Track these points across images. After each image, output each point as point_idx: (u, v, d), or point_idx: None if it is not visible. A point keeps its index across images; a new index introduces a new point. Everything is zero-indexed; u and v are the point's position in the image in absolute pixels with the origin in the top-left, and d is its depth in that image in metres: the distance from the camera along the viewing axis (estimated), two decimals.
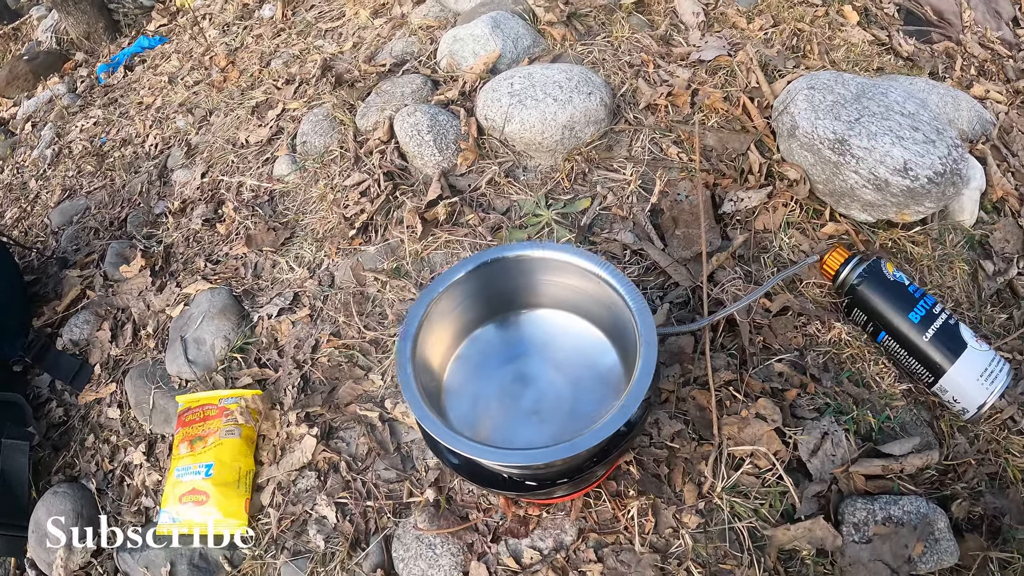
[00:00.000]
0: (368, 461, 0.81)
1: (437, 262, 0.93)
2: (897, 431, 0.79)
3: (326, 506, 0.80)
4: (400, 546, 0.75)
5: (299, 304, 0.98)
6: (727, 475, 0.73)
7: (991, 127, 1.10)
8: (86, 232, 1.40)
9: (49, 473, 1.04)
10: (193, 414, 0.91)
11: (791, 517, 0.72)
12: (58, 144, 1.73)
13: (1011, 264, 0.96)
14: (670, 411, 0.77)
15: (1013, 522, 0.74)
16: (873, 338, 0.85)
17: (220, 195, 1.23)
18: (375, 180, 1.02)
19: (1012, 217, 1.01)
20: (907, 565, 0.68)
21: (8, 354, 1.15)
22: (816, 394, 0.80)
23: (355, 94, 1.18)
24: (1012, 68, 1.28)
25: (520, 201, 0.96)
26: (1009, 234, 0.99)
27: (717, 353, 0.81)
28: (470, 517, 0.74)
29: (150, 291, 1.16)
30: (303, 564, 0.79)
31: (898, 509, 0.71)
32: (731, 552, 0.70)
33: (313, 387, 0.89)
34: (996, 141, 1.08)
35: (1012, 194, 1.02)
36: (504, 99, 0.97)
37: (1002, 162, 1.06)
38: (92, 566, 0.92)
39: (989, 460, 0.79)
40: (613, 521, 0.71)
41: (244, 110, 1.36)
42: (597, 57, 1.11)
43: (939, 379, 0.80)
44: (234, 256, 1.10)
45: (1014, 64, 1.29)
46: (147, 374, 1.04)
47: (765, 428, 0.74)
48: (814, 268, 0.89)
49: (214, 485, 0.84)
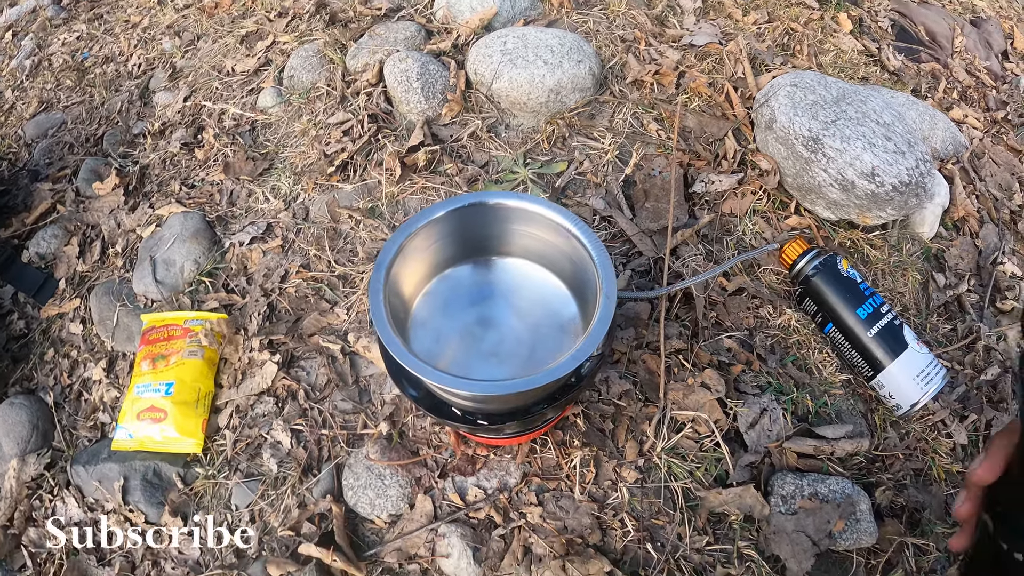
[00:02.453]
0: (326, 391, 0.83)
1: (412, 206, 0.94)
2: (832, 417, 0.83)
3: (281, 431, 0.82)
4: (351, 475, 0.77)
5: (271, 234, 0.99)
6: (668, 437, 0.77)
7: (963, 150, 1.13)
8: (61, 147, 1.37)
9: (6, 385, 1.04)
10: (157, 333, 0.92)
11: (724, 483, 0.76)
12: (38, 56, 1.67)
13: (962, 280, 1.00)
14: (621, 371, 0.80)
15: (933, 517, 0.78)
16: (820, 328, 0.89)
17: (201, 120, 1.21)
18: (359, 120, 1.03)
19: (970, 237, 1.05)
20: (827, 539, 0.72)
21: None
22: (760, 372, 0.84)
23: (348, 34, 1.17)
24: (993, 98, 1.31)
25: (499, 157, 0.98)
26: (965, 252, 1.03)
27: (671, 322, 0.84)
28: (420, 452, 0.76)
29: (122, 210, 1.14)
30: (254, 486, 0.81)
31: (824, 487, 0.75)
32: (664, 509, 0.74)
33: (278, 316, 0.90)
34: (966, 164, 1.11)
35: (973, 215, 1.06)
36: (496, 56, 0.98)
37: (969, 184, 1.09)
38: (44, 478, 0.92)
39: (917, 457, 0.83)
40: (556, 468, 0.75)
41: (233, 39, 1.34)
42: (591, 28, 1.12)
43: (878, 374, 0.83)
44: (210, 182, 1.09)
45: (996, 95, 1.31)
46: (113, 292, 1.04)
47: (708, 397, 0.78)
48: (773, 255, 0.92)
49: (173, 403, 0.85)
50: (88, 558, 0.86)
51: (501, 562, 0.70)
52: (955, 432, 0.84)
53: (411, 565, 0.73)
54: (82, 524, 0.89)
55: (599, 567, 0.69)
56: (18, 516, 0.92)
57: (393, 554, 0.73)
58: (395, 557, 0.73)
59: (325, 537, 0.74)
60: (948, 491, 0.81)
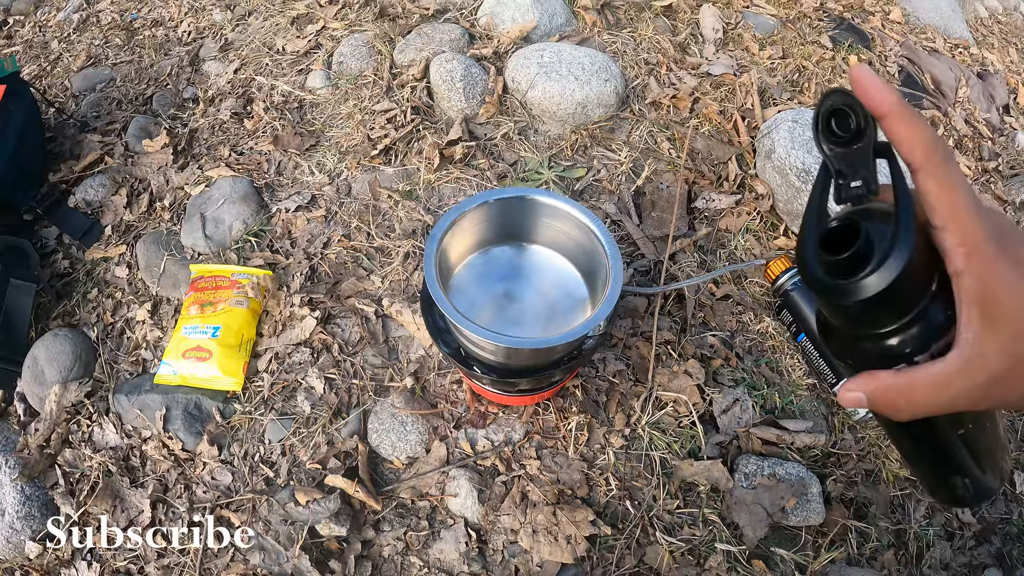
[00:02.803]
0: (359, 347, 0.94)
1: (446, 193, 1.05)
2: (796, 414, 0.94)
3: (316, 378, 0.92)
4: (376, 420, 0.88)
5: (315, 205, 1.09)
6: (652, 413, 0.89)
7: None
8: (108, 101, 1.46)
9: (48, 318, 1.10)
10: (206, 282, 1.02)
11: (696, 456, 0.88)
12: (86, 11, 1.75)
13: None
14: (617, 353, 0.92)
15: (878, 512, 0.89)
16: (794, 337, 0.99)
17: (251, 93, 1.31)
18: (402, 111, 1.14)
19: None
20: (780, 513, 0.84)
21: (22, 201, 1.18)
22: (737, 368, 0.96)
23: (396, 29, 1.27)
24: (988, 149, 1.36)
25: (526, 158, 1.09)
26: None
27: (664, 317, 0.96)
28: (439, 406, 0.88)
29: (171, 168, 1.24)
30: (288, 424, 0.91)
31: (782, 470, 0.87)
32: (644, 473, 0.86)
33: (319, 277, 1.01)
34: None
35: None
36: (533, 67, 1.09)
37: None
38: (84, 405, 0.99)
39: (869, 459, 0.92)
40: (554, 430, 0.87)
41: (284, 19, 1.43)
42: (619, 48, 1.24)
43: (840, 382, 0.92)
44: (259, 151, 1.19)
45: (991, 146, 1.37)
46: (161, 242, 1.13)
47: (690, 383, 0.90)
48: (759, 270, 1.04)
49: (219, 345, 0.95)
50: (122, 479, 0.95)
51: (501, 504, 0.82)
52: None
53: (422, 502, 0.85)
54: (118, 448, 0.98)
55: (584, 516, 0.81)
56: (55, 438, 0.99)
57: (408, 491, 0.85)
58: (409, 494, 0.85)
59: (349, 471, 0.85)
60: (895, 492, 0.91)
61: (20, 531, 0.93)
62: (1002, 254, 0.31)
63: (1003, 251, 0.31)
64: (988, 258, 0.31)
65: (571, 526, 0.80)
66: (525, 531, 0.81)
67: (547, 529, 0.80)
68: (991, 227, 0.31)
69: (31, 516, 0.94)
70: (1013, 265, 0.31)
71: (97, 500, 0.93)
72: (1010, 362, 0.31)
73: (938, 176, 0.31)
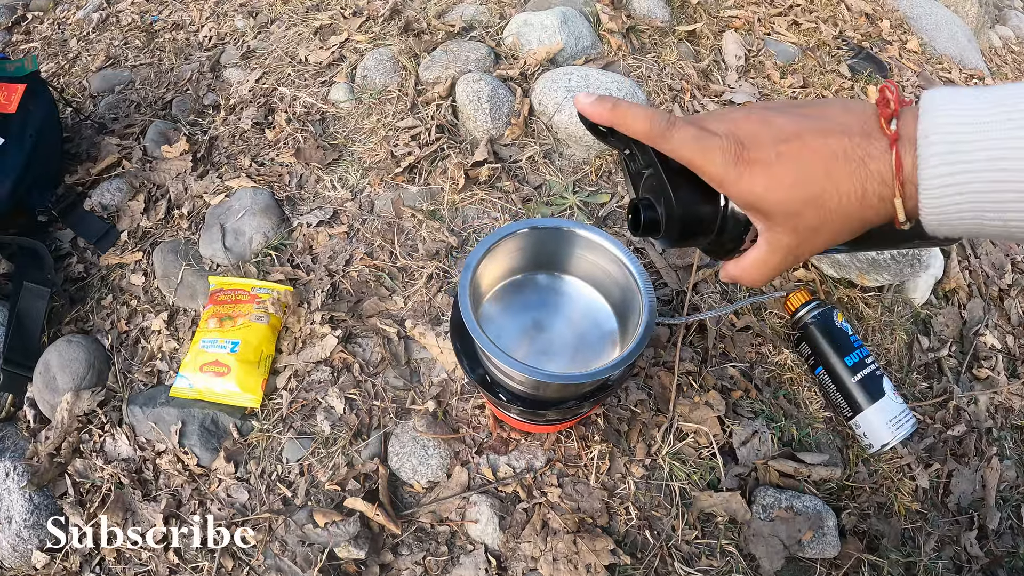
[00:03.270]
0: (380, 368, 0.94)
1: (470, 215, 1.05)
2: (813, 446, 0.95)
3: (336, 398, 0.92)
4: (397, 443, 0.88)
5: (337, 220, 1.09)
6: (673, 443, 0.89)
7: None
8: (127, 104, 1.45)
9: (61, 323, 1.09)
10: (225, 295, 1.02)
11: (715, 487, 0.88)
12: (106, 11, 1.75)
13: (945, 345, 1.08)
14: (639, 383, 0.92)
15: (890, 544, 0.89)
16: (812, 370, 1.00)
17: (273, 103, 1.31)
18: (427, 128, 1.14)
19: (957, 308, 1.14)
20: (796, 545, 0.85)
21: (37, 202, 1.17)
22: (756, 400, 0.96)
23: (421, 45, 1.28)
24: None
25: (551, 182, 1.09)
26: (951, 320, 1.12)
27: (686, 347, 0.96)
28: (461, 431, 0.88)
29: (190, 175, 1.23)
30: (306, 443, 0.91)
31: (799, 503, 0.87)
32: (663, 503, 0.86)
33: (340, 295, 1.01)
34: (964, 241, 1.20)
35: (963, 288, 1.15)
36: (560, 91, 1.10)
37: (964, 260, 1.18)
38: (96, 415, 0.98)
39: (882, 492, 0.93)
40: (576, 458, 0.86)
41: (308, 29, 1.43)
42: (644, 73, 1.24)
43: (856, 415, 0.94)
44: (280, 163, 1.19)
45: None
46: (179, 251, 1.12)
47: (710, 414, 0.90)
48: (779, 302, 1.04)
49: (237, 361, 0.94)
50: (134, 492, 0.94)
51: (522, 531, 0.82)
52: (919, 476, 0.95)
53: (442, 527, 0.84)
54: (131, 460, 0.97)
55: (604, 545, 0.80)
56: (66, 447, 0.98)
57: (428, 515, 0.84)
58: (429, 518, 0.84)
59: (369, 494, 0.85)
60: (906, 525, 0.92)
61: (27, 540, 0.93)
62: (748, 165, 0.39)
63: (749, 163, 0.39)
64: (734, 179, 0.40)
65: (591, 555, 0.80)
66: (545, 559, 0.81)
67: (567, 557, 0.80)
68: (731, 152, 0.40)
69: (39, 525, 0.93)
70: (762, 167, 0.39)
71: (108, 512, 0.92)
72: (797, 237, 0.40)
73: (666, 141, 0.41)
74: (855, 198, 0.38)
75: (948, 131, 0.34)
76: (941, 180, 0.35)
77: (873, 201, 0.38)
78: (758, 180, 0.39)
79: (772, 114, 0.41)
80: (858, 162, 0.37)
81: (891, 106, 0.38)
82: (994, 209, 0.34)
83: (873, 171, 0.37)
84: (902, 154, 0.36)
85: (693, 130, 0.41)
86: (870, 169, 0.37)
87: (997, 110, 0.33)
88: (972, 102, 0.34)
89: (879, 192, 0.37)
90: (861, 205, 0.38)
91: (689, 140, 0.41)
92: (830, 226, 0.39)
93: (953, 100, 0.35)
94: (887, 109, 0.38)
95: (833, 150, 0.38)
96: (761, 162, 0.39)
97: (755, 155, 0.39)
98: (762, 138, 0.40)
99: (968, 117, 0.34)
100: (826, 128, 0.39)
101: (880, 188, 0.37)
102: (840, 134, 0.38)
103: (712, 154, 0.40)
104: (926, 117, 0.35)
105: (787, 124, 0.40)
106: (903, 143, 0.36)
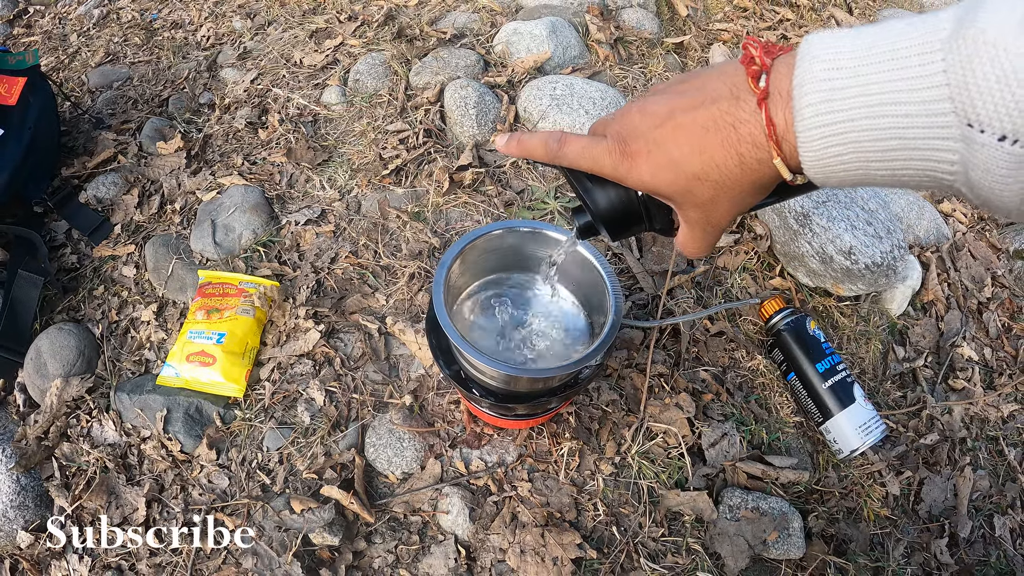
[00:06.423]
0: (360, 363, 0.97)
1: (454, 217, 1.08)
2: (782, 450, 0.97)
3: (316, 390, 0.95)
4: (374, 434, 0.91)
5: (325, 220, 1.12)
6: (643, 442, 0.92)
7: (945, 240, 1.22)
8: (124, 100, 1.48)
9: (53, 311, 1.11)
10: (213, 288, 1.04)
11: (683, 487, 0.91)
12: (107, 7, 1.78)
13: (921, 355, 1.09)
14: (611, 384, 0.95)
15: (858, 549, 0.91)
16: (784, 376, 1.02)
17: (266, 103, 1.34)
18: (415, 132, 1.17)
19: (935, 319, 1.15)
20: (761, 545, 0.87)
21: (33, 194, 1.20)
22: (727, 404, 0.98)
23: (413, 50, 1.31)
24: None
25: (534, 187, 1.12)
26: (927, 332, 1.14)
27: (658, 350, 0.99)
28: (436, 424, 0.90)
29: (184, 172, 1.26)
30: (287, 433, 0.94)
31: (765, 504, 0.89)
32: (631, 501, 0.89)
33: (325, 292, 1.03)
34: (944, 253, 1.21)
35: (941, 301, 1.17)
36: (546, 99, 1.13)
37: (943, 272, 1.20)
38: (84, 400, 1.01)
39: (852, 497, 0.94)
40: (547, 454, 0.89)
41: (303, 32, 1.47)
42: (629, 84, 1.27)
43: (827, 420, 0.96)
44: (272, 162, 1.22)
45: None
46: (170, 245, 1.15)
47: (680, 415, 0.93)
48: (754, 308, 1.06)
49: (223, 351, 0.97)
50: (118, 476, 0.97)
51: (492, 523, 0.84)
52: (889, 483, 0.97)
53: (414, 517, 0.87)
54: (116, 445, 1.00)
55: (571, 539, 0.83)
56: (54, 430, 1.01)
57: (401, 505, 0.87)
58: (402, 508, 0.87)
59: (345, 483, 0.88)
60: (875, 531, 0.94)
61: (13, 520, 0.95)
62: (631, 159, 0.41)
63: (631, 156, 0.41)
64: (624, 174, 0.42)
65: (558, 548, 0.83)
66: (513, 551, 0.83)
67: (535, 550, 0.83)
68: (615, 151, 0.42)
69: (25, 506, 0.95)
70: (644, 157, 0.40)
71: (92, 495, 0.94)
72: (701, 210, 0.41)
73: (562, 158, 0.45)
74: (734, 165, 0.37)
75: (823, 78, 0.31)
76: (819, 132, 0.32)
77: (753, 165, 0.36)
78: (644, 170, 0.40)
79: (651, 100, 0.41)
80: (728, 128, 0.36)
81: (756, 62, 0.35)
82: (879, 158, 0.32)
83: (744, 135, 0.36)
84: (772, 112, 0.34)
85: (583, 141, 0.43)
86: (741, 134, 0.36)
87: (872, 52, 0.30)
88: (850, 43, 0.31)
89: (755, 156, 0.36)
90: (743, 171, 0.37)
91: (579, 152, 0.44)
92: (726, 194, 0.39)
93: (831, 44, 0.32)
94: (752, 66, 0.35)
95: (702, 123, 0.37)
96: (641, 153, 0.40)
97: (634, 147, 0.40)
98: (640, 128, 0.40)
99: (844, 61, 0.31)
100: (696, 101, 0.38)
101: (755, 151, 0.36)
102: (709, 103, 0.37)
103: (601, 158, 0.42)
104: (802, 65, 0.32)
105: (660, 107, 0.39)
106: (774, 99, 0.34)
